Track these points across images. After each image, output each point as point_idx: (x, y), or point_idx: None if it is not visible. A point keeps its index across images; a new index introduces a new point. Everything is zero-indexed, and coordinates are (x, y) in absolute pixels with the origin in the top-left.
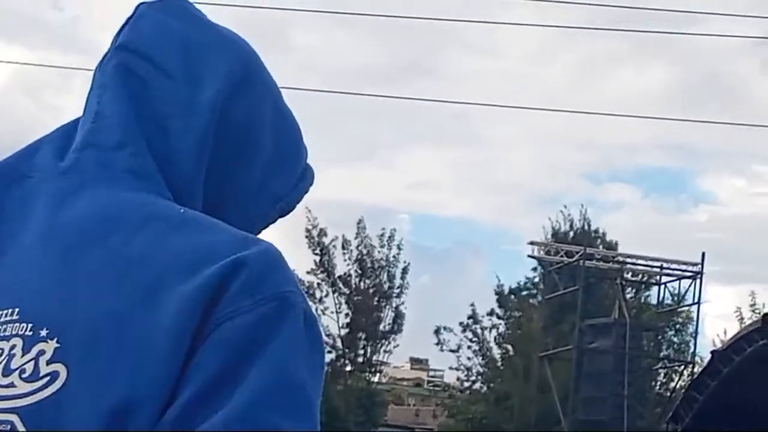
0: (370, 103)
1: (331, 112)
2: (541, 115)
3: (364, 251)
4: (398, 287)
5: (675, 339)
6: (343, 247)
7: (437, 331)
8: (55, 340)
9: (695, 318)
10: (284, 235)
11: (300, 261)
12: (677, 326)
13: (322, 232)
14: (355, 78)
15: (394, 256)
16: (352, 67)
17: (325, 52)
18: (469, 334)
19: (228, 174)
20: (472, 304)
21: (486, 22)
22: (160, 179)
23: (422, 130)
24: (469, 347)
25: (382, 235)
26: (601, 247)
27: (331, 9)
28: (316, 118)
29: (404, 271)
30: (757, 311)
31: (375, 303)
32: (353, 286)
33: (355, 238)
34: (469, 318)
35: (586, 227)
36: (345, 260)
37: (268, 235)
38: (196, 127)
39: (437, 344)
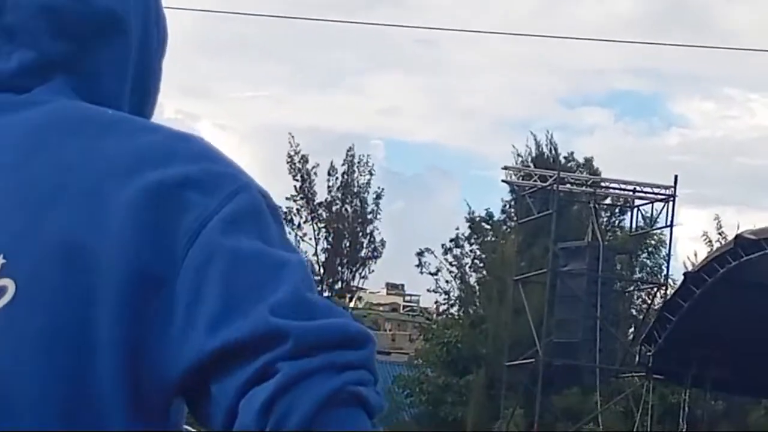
0: (337, 29)
1: (298, 39)
2: (510, 40)
3: (347, 178)
4: (370, 212)
5: (648, 262)
6: (329, 174)
7: (420, 254)
8: (1, 255)
9: (668, 241)
10: (263, 159)
11: (277, 186)
12: (650, 249)
13: (304, 159)
14: (321, 4)
15: (366, 182)
16: None
17: None
18: (450, 258)
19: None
20: (457, 228)
21: None
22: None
23: (390, 57)
24: (449, 271)
25: (359, 162)
26: (580, 170)
27: None
28: (282, 44)
29: (377, 197)
30: (723, 234)
31: (355, 229)
32: (334, 212)
33: (342, 164)
34: (450, 241)
35: (553, 151)
36: (329, 186)
37: (247, 158)
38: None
39: (418, 266)
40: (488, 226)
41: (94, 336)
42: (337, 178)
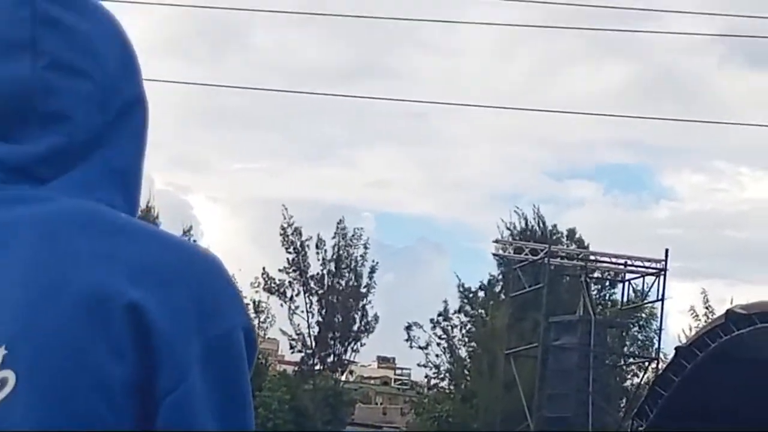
0: (329, 102)
1: (290, 112)
2: (499, 114)
3: (340, 251)
4: (365, 286)
5: (639, 335)
6: (317, 246)
7: (408, 328)
8: (3, 346)
9: (659, 314)
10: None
11: (271, 258)
12: (640, 322)
13: (297, 231)
14: (314, 77)
15: (361, 256)
16: (310, 67)
17: (283, 52)
18: (439, 331)
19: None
20: (445, 301)
21: (442, 21)
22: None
23: (381, 129)
24: (438, 344)
25: (353, 236)
26: (569, 243)
27: (288, 9)
28: (275, 117)
29: (372, 270)
30: (710, 308)
31: (349, 302)
32: (326, 285)
33: (333, 237)
34: (439, 315)
35: (541, 225)
36: (319, 260)
37: (238, 230)
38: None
39: (407, 340)
40: (482, 296)
41: (97, 427)
42: (326, 251)
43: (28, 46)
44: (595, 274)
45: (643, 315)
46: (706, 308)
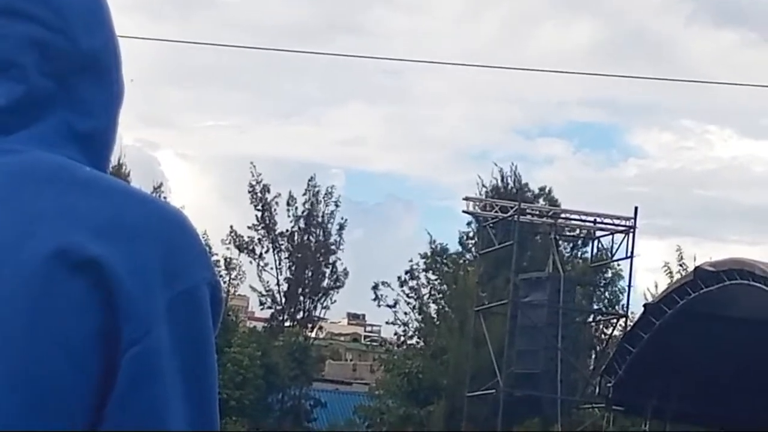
0: (300, 59)
1: (260, 69)
2: (469, 72)
3: (312, 208)
4: (333, 243)
5: (606, 293)
6: (288, 204)
7: (375, 287)
8: None
9: (628, 272)
10: (224, 188)
11: (238, 216)
12: (607, 280)
13: (265, 188)
14: (284, 34)
15: (331, 213)
16: (281, 24)
17: (253, 9)
18: (407, 290)
19: None
20: (411, 260)
21: None
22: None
23: (352, 87)
24: (407, 303)
25: (326, 194)
26: (540, 201)
27: None
28: (244, 74)
29: (341, 227)
30: (684, 265)
31: (317, 258)
32: (296, 242)
33: (303, 194)
34: (406, 273)
35: (514, 183)
36: (289, 216)
37: (208, 187)
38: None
39: (375, 299)
40: (452, 253)
41: (57, 386)
42: (296, 208)
43: None
44: (565, 232)
45: (610, 272)
46: (680, 265)
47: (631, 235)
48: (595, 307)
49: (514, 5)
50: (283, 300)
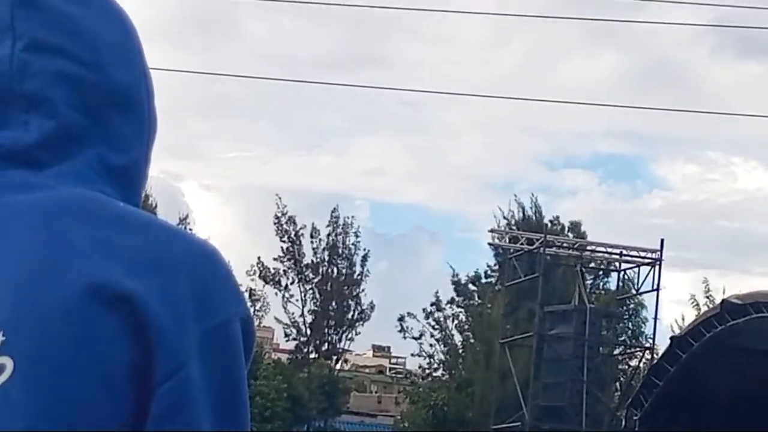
0: (323, 90)
1: (283, 100)
2: (493, 103)
3: (335, 239)
4: (358, 274)
5: (629, 325)
6: (312, 236)
7: (401, 319)
8: (1, 333)
9: (654, 304)
10: (248, 219)
11: (265, 246)
12: (630, 312)
13: (291, 220)
14: (307, 66)
15: (353, 244)
16: (304, 55)
17: (277, 41)
18: (432, 322)
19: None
20: (437, 292)
21: (436, 10)
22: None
23: (375, 118)
24: (431, 335)
25: (345, 223)
26: (567, 232)
27: None
28: (268, 105)
29: (364, 258)
30: (711, 297)
31: (344, 291)
32: (321, 274)
33: (327, 226)
34: (432, 305)
35: (538, 215)
36: (313, 248)
37: (231, 218)
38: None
39: (400, 331)
40: (474, 288)
41: (93, 418)
42: (320, 240)
43: (8, 29)
44: (591, 264)
45: (633, 304)
46: (707, 297)
47: (657, 267)
48: (620, 339)
49: (538, 36)
50: (308, 332)
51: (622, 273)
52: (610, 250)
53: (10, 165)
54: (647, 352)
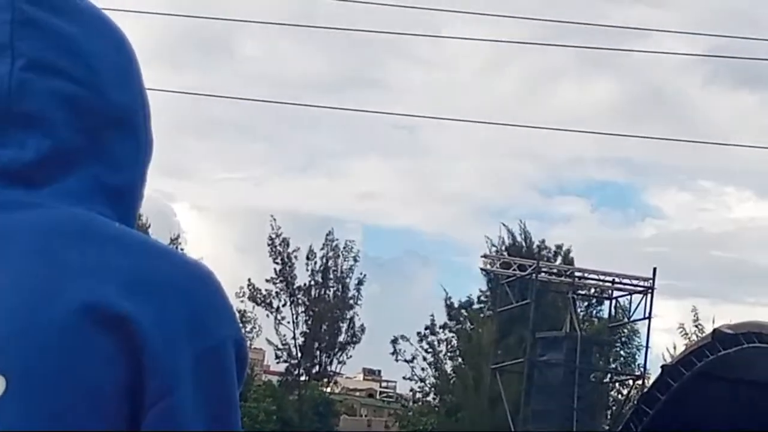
0: (317, 113)
1: (277, 122)
2: (487, 128)
3: (329, 263)
4: (351, 297)
5: (621, 352)
6: (308, 258)
7: (394, 341)
8: None
9: (645, 332)
10: (240, 241)
11: (256, 268)
12: (623, 339)
13: (285, 242)
14: (302, 88)
15: (350, 267)
16: (299, 78)
17: (272, 63)
18: (425, 345)
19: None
20: (432, 315)
21: (432, 36)
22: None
23: (369, 141)
24: (424, 358)
25: (344, 248)
26: (558, 259)
27: (278, 20)
28: (261, 126)
29: (359, 282)
30: (700, 326)
31: (335, 313)
32: (313, 296)
33: (321, 249)
34: (426, 329)
35: (528, 240)
36: (307, 270)
37: (223, 239)
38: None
39: (393, 354)
40: (466, 313)
41: None
42: (315, 263)
43: (7, 47)
44: (582, 291)
45: (625, 331)
46: (696, 326)
47: (649, 295)
48: (612, 366)
49: (533, 63)
50: (299, 354)
51: (615, 300)
52: (602, 277)
53: (6, 184)
54: (639, 380)
